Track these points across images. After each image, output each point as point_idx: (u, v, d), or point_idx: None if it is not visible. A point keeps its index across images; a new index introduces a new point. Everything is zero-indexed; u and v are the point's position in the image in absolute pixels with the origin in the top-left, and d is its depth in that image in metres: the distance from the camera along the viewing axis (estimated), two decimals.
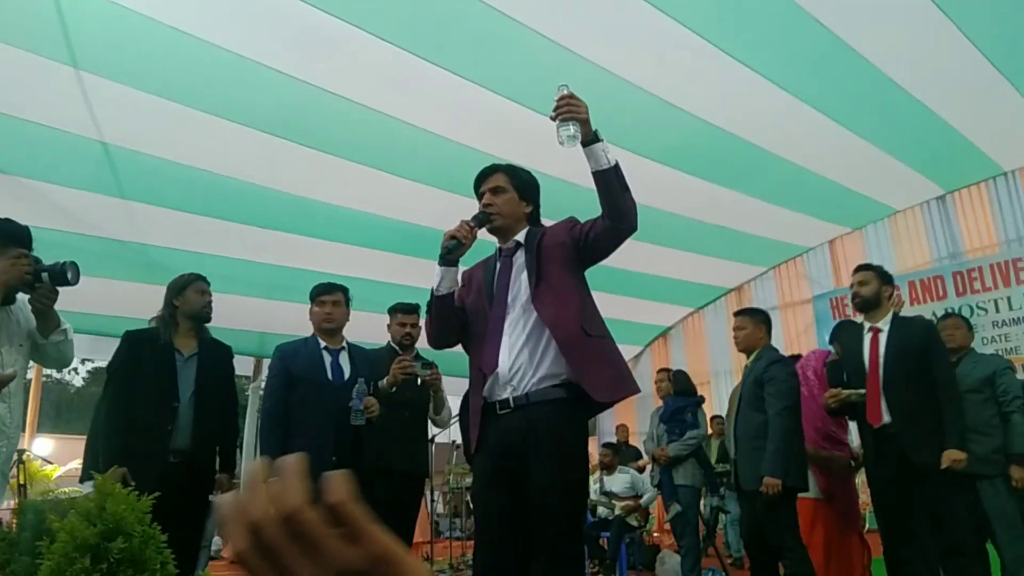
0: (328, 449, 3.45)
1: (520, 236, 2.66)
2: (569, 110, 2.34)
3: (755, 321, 4.24)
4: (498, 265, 2.67)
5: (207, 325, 3.72)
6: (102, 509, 1.67)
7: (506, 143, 5.38)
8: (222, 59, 4.66)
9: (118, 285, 7.04)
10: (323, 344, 3.74)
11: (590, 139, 2.38)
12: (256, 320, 8.36)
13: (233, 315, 7.90)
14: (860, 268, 4.03)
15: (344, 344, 3.77)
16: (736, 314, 4.42)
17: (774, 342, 4.28)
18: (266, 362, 10.38)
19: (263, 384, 12.45)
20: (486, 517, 2.42)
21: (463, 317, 2.70)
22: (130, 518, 1.67)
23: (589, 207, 2.58)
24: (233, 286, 7.54)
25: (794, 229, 8.49)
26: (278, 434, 3.57)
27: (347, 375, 3.65)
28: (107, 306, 7.09)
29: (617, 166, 2.40)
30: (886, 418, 3.64)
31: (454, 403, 4.13)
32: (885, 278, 3.95)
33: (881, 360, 3.73)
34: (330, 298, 3.75)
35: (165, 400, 3.43)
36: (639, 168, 6.09)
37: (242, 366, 10.43)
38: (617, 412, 10.07)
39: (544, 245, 2.57)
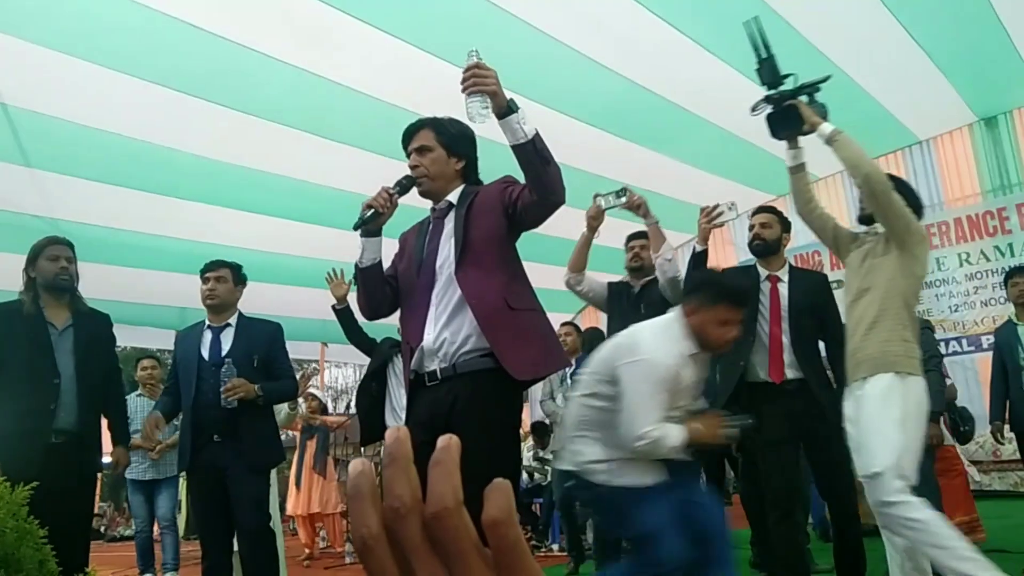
0: (206, 428, 3.42)
1: (453, 195, 2.51)
2: (475, 83, 2.18)
3: (576, 331, 4.96)
4: (430, 228, 2.55)
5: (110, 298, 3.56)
6: None
7: (434, 101, 5.24)
8: (128, 10, 4.38)
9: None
10: (207, 323, 3.66)
11: (504, 111, 2.21)
12: (176, 295, 8.05)
13: (154, 290, 7.60)
14: (762, 209, 3.72)
15: (231, 321, 3.64)
16: (562, 324, 5.05)
17: None
18: None
19: None
20: None
21: (395, 286, 2.59)
22: (0, 512, 1.52)
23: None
24: (154, 260, 7.24)
25: (721, 195, 8.55)
26: (162, 405, 3.71)
27: (225, 351, 3.53)
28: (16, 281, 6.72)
29: (535, 139, 2.21)
30: (790, 373, 3.32)
31: None
32: (786, 225, 3.66)
33: (785, 312, 3.40)
34: (213, 275, 3.65)
35: (44, 377, 3.23)
36: (568, 130, 6.04)
37: (165, 340, 10.08)
38: None
39: (474, 210, 2.43)
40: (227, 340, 3.57)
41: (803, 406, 3.25)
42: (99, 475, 3.64)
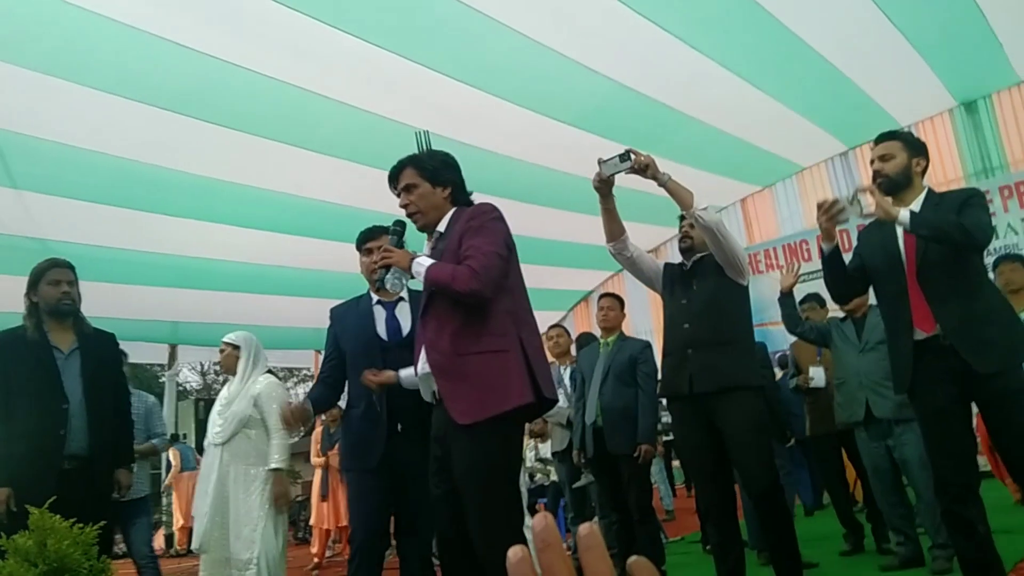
0: (383, 418, 3.03)
1: (443, 224, 2.57)
2: (385, 260, 2.50)
3: (620, 305, 4.77)
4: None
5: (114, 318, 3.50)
6: (43, 547, 1.53)
7: (419, 111, 5.27)
8: (112, 31, 4.38)
9: (16, 281, 6.66)
10: (375, 299, 3.23)
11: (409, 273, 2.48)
12: (168, 309, 8.05)
13: (146, 305, 7.60)
14: (883, 137, 3.11)
15: (403, 295, 3.21)
16: (603, 296, 4.89)
17: None
18: (180, 348, 10.12)
19: (179, 371, 11.93)
20: (434, 501, 2.52)
21: None
22: (75, 554, 1.54)
23: (505, 173, 2.53)
24: (145, 276, 7.25)
25: (707, 190, 8.62)
26: (315, 394, 3.32)
27: (407, 331, 3.12)
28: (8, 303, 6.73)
29: (427, 275, 2.43)
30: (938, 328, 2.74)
31: None
32: (915, 147, 2.99)
33: (922, 248, 2.86)
34: (377, 244, 3.13)
35: (52, 403, 3.15)
36: (553, 132, 6.05)
37: (158, 354, 10.08)
38: None
39: (444, 252, 2.49)
40: (404, 317, 3.18)
41: (962, 362, 2.67)
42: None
